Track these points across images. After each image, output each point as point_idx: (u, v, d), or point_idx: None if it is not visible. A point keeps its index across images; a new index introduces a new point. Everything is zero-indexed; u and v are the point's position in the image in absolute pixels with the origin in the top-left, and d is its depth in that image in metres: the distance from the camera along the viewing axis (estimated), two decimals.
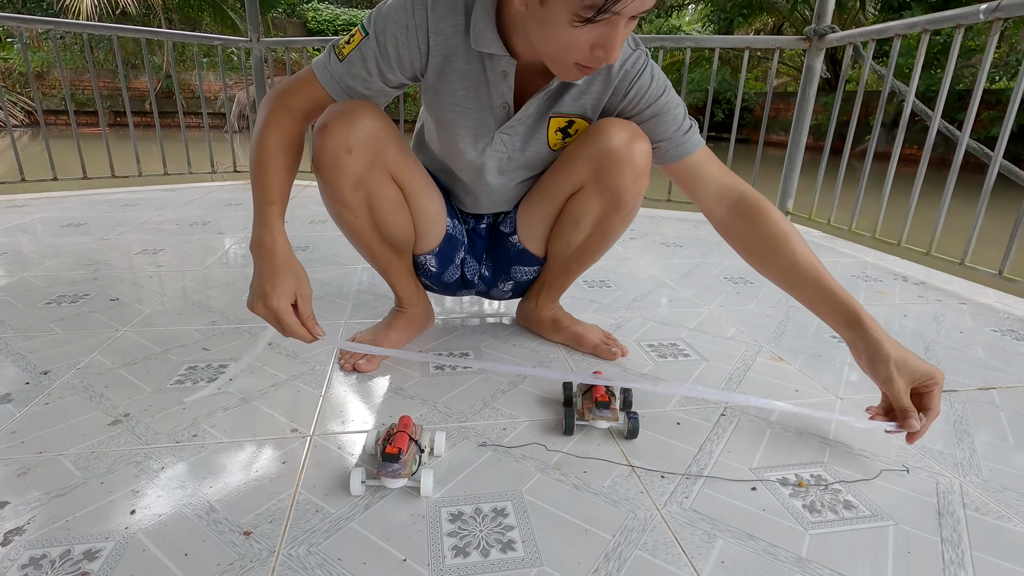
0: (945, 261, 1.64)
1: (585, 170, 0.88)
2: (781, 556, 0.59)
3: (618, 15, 0.64)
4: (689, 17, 16.46)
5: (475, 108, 0.85)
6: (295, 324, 0.76)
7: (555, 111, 0.86)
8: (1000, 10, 1.41)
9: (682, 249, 1.87)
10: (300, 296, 0.77)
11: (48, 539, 0.58)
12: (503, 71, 0.80)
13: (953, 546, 0.61)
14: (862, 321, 0.76)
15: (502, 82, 0.82)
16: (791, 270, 0.81)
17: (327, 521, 0.62)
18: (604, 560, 0.58)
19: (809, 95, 2.17)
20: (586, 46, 0.67)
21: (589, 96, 0.86)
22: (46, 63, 11.20)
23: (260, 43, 2.82)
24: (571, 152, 0.90)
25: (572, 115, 0.87)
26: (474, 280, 1.07)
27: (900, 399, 0.72)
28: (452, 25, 0.78)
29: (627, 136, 0.84)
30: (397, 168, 0.88)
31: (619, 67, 0.83)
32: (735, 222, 0.85)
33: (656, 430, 0.81)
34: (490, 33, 0.77)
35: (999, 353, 1.13)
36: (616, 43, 0.66)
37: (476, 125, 0.87)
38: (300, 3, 14.58)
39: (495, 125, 0.86)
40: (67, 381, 0.90)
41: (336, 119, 0.81)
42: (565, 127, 0.88)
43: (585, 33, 0.66)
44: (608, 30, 0.66)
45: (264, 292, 0.75)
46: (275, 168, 0.79)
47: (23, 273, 1.41)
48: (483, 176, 0.93)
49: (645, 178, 0.88)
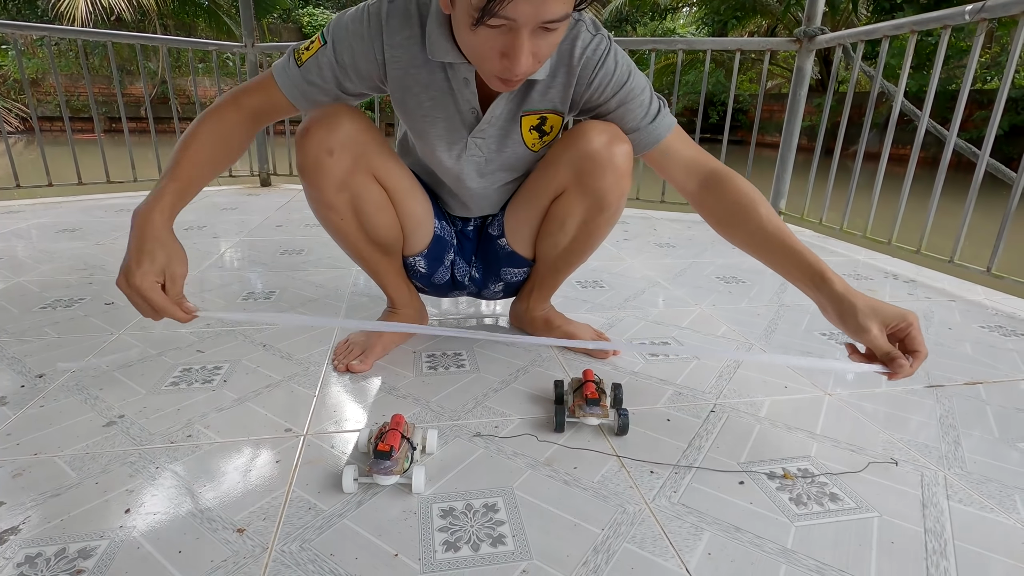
0: (935, 259, 1.66)
1: (567, 173, 0.88)
2: (767, 548, 0.60)
3: (513, 21, 0.63)
4: (683, 20, 16.54)
5: (443, 116, 0.86)
6: (162, 301, 0.69)
7: (525, 110, 0.86)
8: (985, 11, 1.43)
9: (675, 249, 1.89)
10: (169, 276, 0.70)
11: (43, 538, 0.59)
12: (464, 77, 0.81)
13: (936, 536, 0.62)
14: (826, 278, 0.75)
15: (465, 88, 0.82)
16: (759, 234, 0.81)
17: (320, 518, 0.63)
18: (593, 553, 0.59)
19: (800, 96, 2.19)
20: (494, 54, 0.67)
21: (555, 89, 0.85)
22: (41, 69, 11.20)
23: (255, 48, 2.83)
24: (553, 155, 0.90)
25: (543, 111, 0.87)
26: (464, 281, 1.08)
27: (879, 345, 0.71)
28: (407, 37, 0.79)
29: (607, 139, 0.85)
30: (380, 169, 0.89)
31: (579, 55, 0.82)
32: (705, 195, 0.86)
33: (646, 426, 0.82)
34: (445, 42, 0.77)
35: (986, 349, 1.14)
36: (519, 53, 0.65)
37: (447, 133, 0.87)
38: (295, 8, 14.61)
39: (466, 131, 0.87)
40: (62, 384, 0.90)
41: (317, 123, 0.82)
42: (539, 124, 0.89)
43: (490, 40, 0.66)
44: (510, 38, 0.65)
45: (129, 268, 0.68)
46: (194, 151, 0.77)
47: (18, 278, 1.42)
48: (463, 181, 0.93)
49: (627, 179, 0.89)
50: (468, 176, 0.93)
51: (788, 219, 2.32)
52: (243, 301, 1.29)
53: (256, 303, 1.28)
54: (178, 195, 0.75)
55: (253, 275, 1.49)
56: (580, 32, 0.81)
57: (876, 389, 0.95)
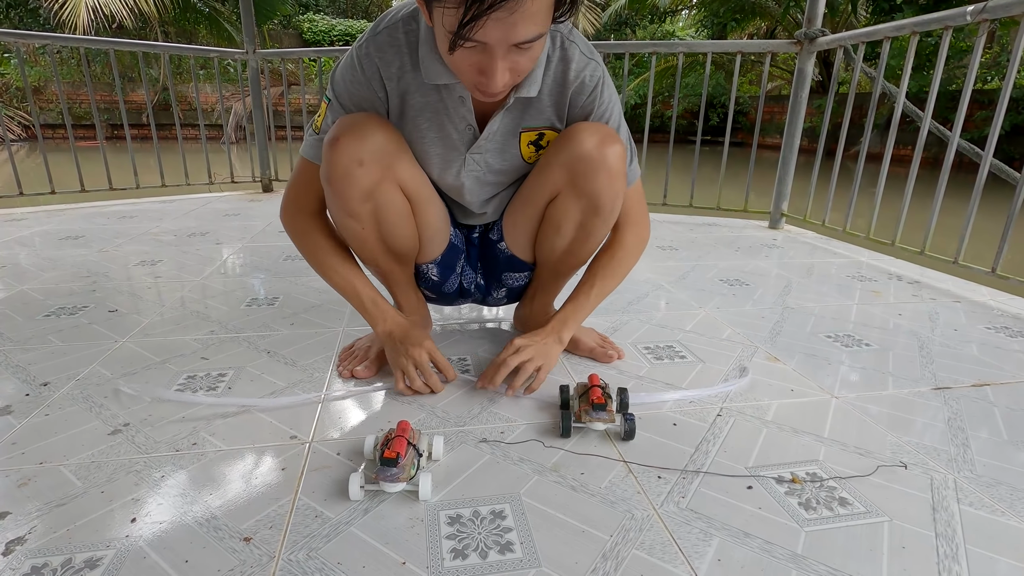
0: (939, 260, 1.66)
1: (561, 176, 0.88)
2: (777, 553, 0.60)
3: (485, 44, 0.64)
4: (683, 23, 16.57)
5: (440, 137, 0.87)
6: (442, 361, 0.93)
7: (524, 126, 0.87)
8: (986, 11, 1.43)
9: (678, 252, 1.88)
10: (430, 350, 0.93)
11: (49, 548, 0.59)
12: (459, 96, 0.82)
13: (947, 540, 0.62)
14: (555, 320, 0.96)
15: (461, 107, 0.83)
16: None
17: (327, 526, 0.62)
18: (602, 560, 0.58)
19: (801, 98, 2.19)
20: (472, 71, 0.70)
21: (551, 108, 0.87)
22: (43, 77, 11.24)
23: (256, 54, 2.84)
24: (546, 158, 0.90)
25: (541, 128, 0.88)
26: (471, 288, 1.08)
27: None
28: (399, 67, 0.81)
29: (598, 140, 0.84)
30: (406, 179, 0.88)
31: (575, 75, 0.84)
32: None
33: (653, 431, 0.82)
34: (438, 66, 0.78)
35: (992, 350, 1.14)
36: (493, 71, 0.67)
37: (446, 152, 0.88)
38: (296, 15, 14.66)
39: (464, 148, 0.88)
40: (67, 392, 0.90)
41: (347, 133, 0.80)
42: (536, 140, 0.89)
43: (468, 58, 0.68)
44: (484, 57, 0.67)
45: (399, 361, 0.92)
46: (341, 269, 0.94)
47: (22, 286, 1.42)
48: (463, 195, 0.94)
49: (620, 180, 0.88)
50: (468, 190, 0.93)
51: (791, 221, 2.32)
52: (246, 307, 1.29)
53: (259, 308, 1.28)
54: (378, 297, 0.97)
55: (256, 281, 1.49)
56: (574, 56, 0.83)
57: (882, 392, 0.95)
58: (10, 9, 11.10)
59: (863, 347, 1.13)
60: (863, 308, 1.37)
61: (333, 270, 0.94)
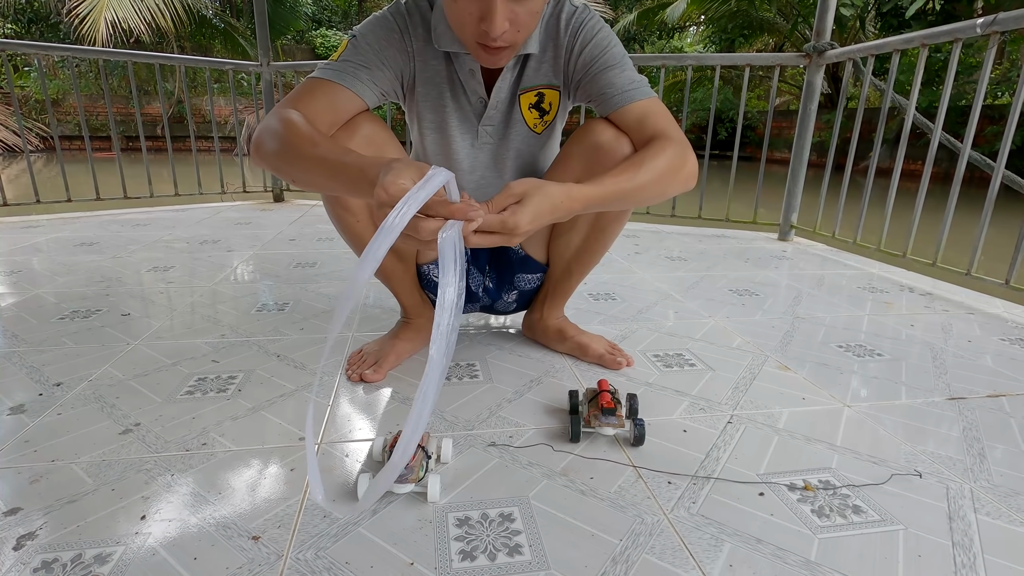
0: (951, 272, 1.64)
1: (578, 166, 0.89)
2: (789, 560, 0.59)
3: None
4: (691, 39, 16.69)
5: (455, 106, 0.90)
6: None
7: (522, 88, 0.90)
8: (996, 24, 1.43)
9: (687, 263, 1.88)
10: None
11: (60, 544, 0.59)
12: (470, 68, 0.86)
13: (965, 550, 0.61)
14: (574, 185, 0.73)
15: (472, 79, 0.87)
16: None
17: (335, 526, 0.62)
18: (611, 564, 0.58)
19: (810, 111, 2.20)
20: (472, 20, 0.73)
21: (547, 64, 0.89)
22: (62, 90, 11.47)
23: (270, 67, 2.89)
24: (565, 151, 0.93)
25: (538, 86, 0.90)
26: (478, 292, 1.08)
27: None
28: (421, 33, 0.85)
29: (615, 132, 0.86)
30: None
31: (565, 25, 0.87)
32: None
33: (663, 437, 0.81)
34: (449, 32, 0.82)
35: (1008, 361, 1.12)
36: (493, 15, 0.70)
37: (460, 122, 0.92)
38: (308, 30, 14.92)
39: (476, 120, 0.91)
40: (79, 392, 0.91)
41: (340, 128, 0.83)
42: (537, 102, 0.91)
43: (468, 6, 0.72)
44: (486, 3, 0.70)
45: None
46: (325, 144, 0.69)
47: (37, 290, 1.44)
48: (477, 173, 0.96)
49: None
50: (484, 165, 0.95)
51: (800, 233, 2.32)
52: (256, 312, 1.30)
53: (269, 314, 1.29)
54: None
55: (265, 287, 1.50)
56: (564, 6, 0.86)
57: (896, 401, 0.94)
58: (32, 24, 11.38)
59: (875, 357, 1.12)
60: (875, 319, 1.36)
61: (319, 150, 0.69)
